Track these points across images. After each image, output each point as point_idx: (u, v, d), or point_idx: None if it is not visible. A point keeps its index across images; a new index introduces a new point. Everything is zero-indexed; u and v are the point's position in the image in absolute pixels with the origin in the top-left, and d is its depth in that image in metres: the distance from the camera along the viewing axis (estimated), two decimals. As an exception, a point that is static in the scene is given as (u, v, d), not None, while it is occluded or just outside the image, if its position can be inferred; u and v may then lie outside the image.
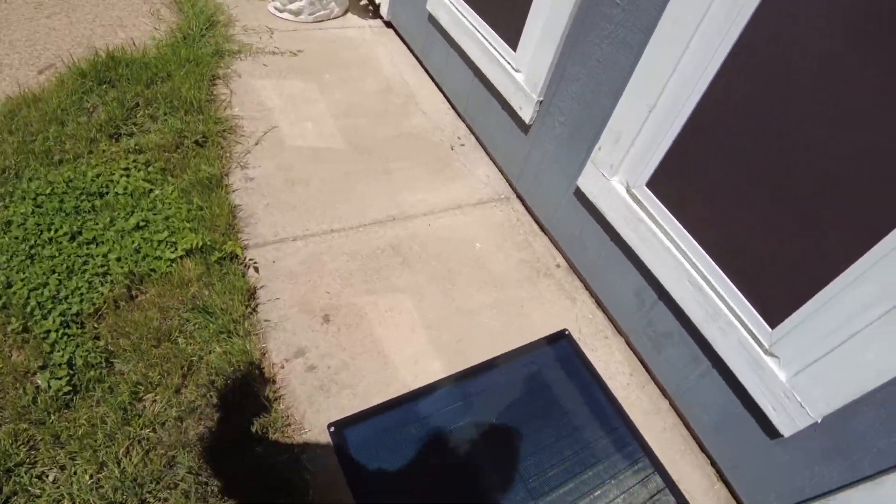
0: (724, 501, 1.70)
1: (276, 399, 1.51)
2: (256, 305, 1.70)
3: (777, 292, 1.45)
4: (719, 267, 1.57)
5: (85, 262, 1.67)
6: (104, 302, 1.61)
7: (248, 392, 1.51)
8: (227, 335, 1.60)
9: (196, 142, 2.14)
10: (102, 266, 1.68)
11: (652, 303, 1.78)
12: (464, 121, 2.68)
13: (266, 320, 1.67)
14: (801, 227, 1.37)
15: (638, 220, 1.71)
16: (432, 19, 2.67)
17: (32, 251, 1.66)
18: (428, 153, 2.43)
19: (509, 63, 2.17)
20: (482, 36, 2.30)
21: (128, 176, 1.94)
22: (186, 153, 2.09)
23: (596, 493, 1.54)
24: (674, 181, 1.65)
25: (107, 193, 1.88)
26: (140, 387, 1.47)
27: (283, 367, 1.58)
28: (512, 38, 2.15)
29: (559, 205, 2.07)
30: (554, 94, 1.99)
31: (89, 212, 1.81)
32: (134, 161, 2.00)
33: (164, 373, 1.50)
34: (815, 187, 1.33)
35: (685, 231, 1.64)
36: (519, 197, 2.34)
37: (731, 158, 1.49)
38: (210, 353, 1.57)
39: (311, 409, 1.51)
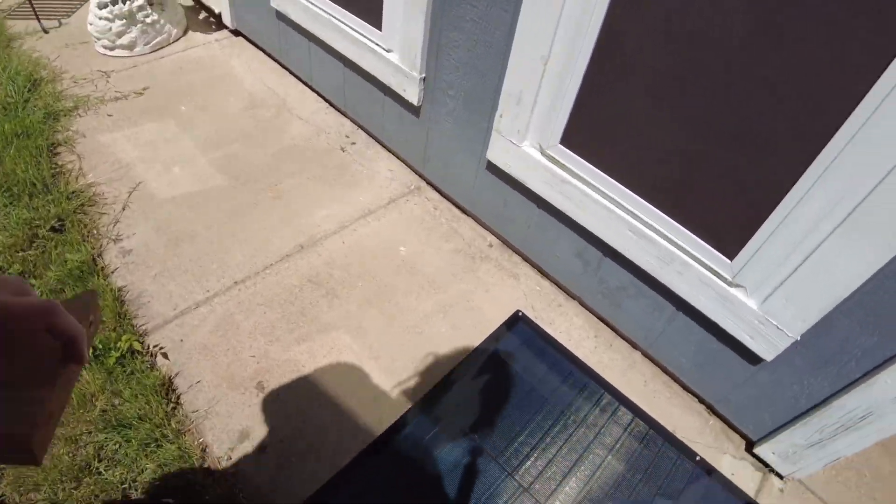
0: (720, 433, 1.66)
1: (235, 496, 1.29)
2: (178, 397, 1.46)
3: (727, 223, 1.37)
4: (659, 209, 1.47)
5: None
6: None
7: (202, 501, 1.28)
8: (156, 444, 1.36)
9: (52, 228, 1.80)
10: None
11: (598, 261, 1.68)
12: (348, 117, 2.45)
13: (194, 411, 1.43)
14: (735, 152, 1.28)
15: (561, 181, 1.58)
16: (281, 16, 2.40)
17: None
18: (318, 163, 2.20)
19: (378, 45, 1.96)
20: (340, 21, 2.06)
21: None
22: (44, 246, 1.76)
23: (579, 452, 1.45)
24: (589, 132, 1.53)
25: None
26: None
27: (230, 459, 1.36)
28: (374, 17, 1.94)
29: (474, 183, 1.92)
30: (436, 67, 1.80)
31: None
32: (-24, 270, 1.66)
33: (89, 516, 1.25)
34: (741, 109, 1.23)
35: (613, 181, 1.52)
36: (430, 184, 2.17)
37: (645, 94, 1.37)
38: (142, 471, 1.32)
39: (279, 493, 1.31)
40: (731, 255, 1.39)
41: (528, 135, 1.62)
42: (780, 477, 1.62)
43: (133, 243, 1.81)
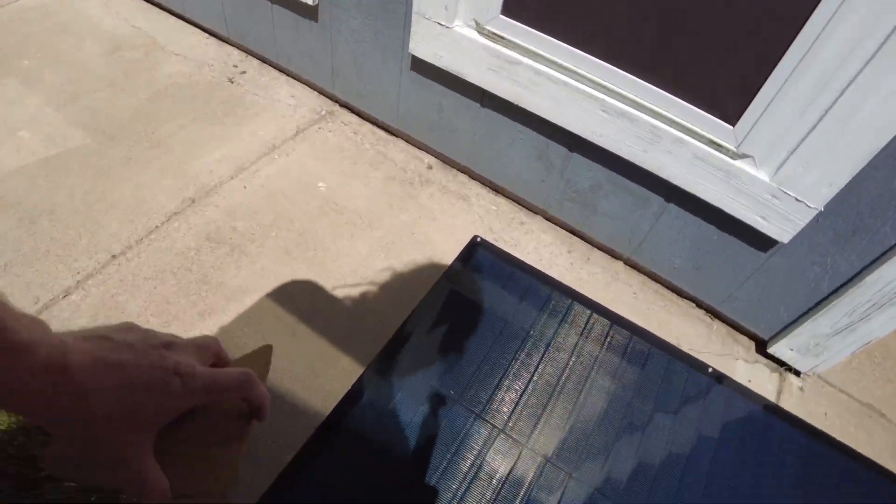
0: (727, 338, 1.43)
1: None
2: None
3: (725, 80, 1.09)
4: (638, 77, 1.17)
5: None
6: None
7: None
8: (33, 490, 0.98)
9: None
10: None
11: (563, 159, 1.37)
12: (233, 44, 2.00)
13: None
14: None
15: (508, 62, 1.24)
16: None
17: None
18: (203, 100, 1.77)
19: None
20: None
21: None
22: None
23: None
24: (534, -12, 1.19)
25: None
26: None
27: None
28: None
29: (399, 91, 1.56)
30: (326, -56, 1.40)
31: None
32: None
33: None
34: None
35: (576, 50, 1.20)
36: (345, 106, 1.79)
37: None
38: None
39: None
40: (732, 121, 1.12)
41: (459, 10, 1.27)
42: (798, 374, 1.42)
43: (-29, 229, 1.36)
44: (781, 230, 1.17)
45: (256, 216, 1.43)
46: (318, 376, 1.13)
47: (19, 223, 1.38)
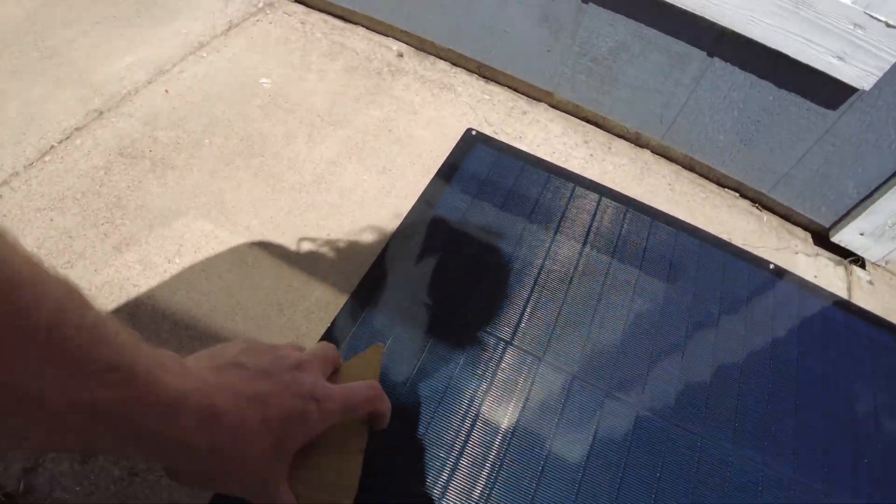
0: (780, 230, 1.18)
1: None
2: None
3: None
4: None
5: None
6: None
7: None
8: None
9: None
10: None
11: (573, 18, 1.07)
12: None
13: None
14: None
15: None
16: None
17: None
18: (108, 1, 1.40)
19: None
20: None
21: None
22: None
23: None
24: None
25: None
26: None
27: (25, 488, 0.70)
28: None
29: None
30: None
31: None
32: None
33: None
34: None
35: None
36: (287, -8, 1.44)
37: None
38: None
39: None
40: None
41: None
42: (863, 266, 1.18)
43: None
44: (864, 72, 0.90)
45: (183, 123, 1.10)
46: (284, 313, 0.84)
47: None
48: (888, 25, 0.85)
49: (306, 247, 0.92)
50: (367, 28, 1.36)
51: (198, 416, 0.36)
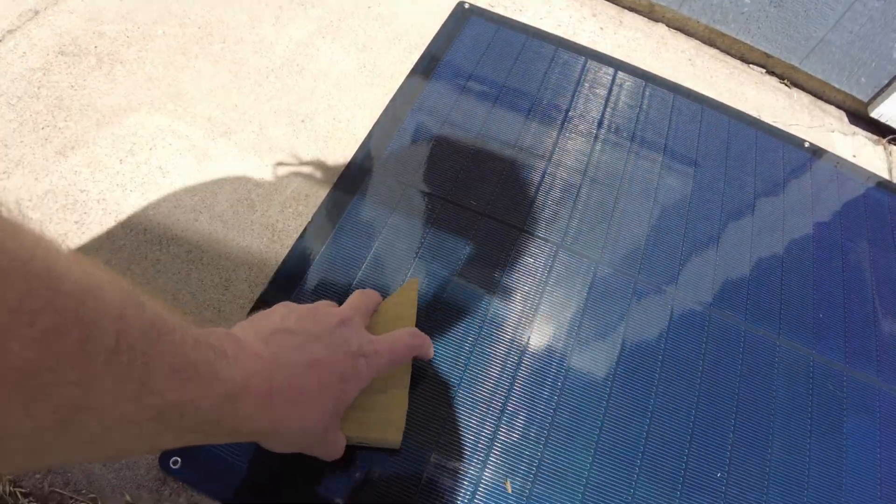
0: (813, 108, 1.06)
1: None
2: None
3: None
4: None
5: None
6: None
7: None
8: None
9: None
10: None
11: None
12: None
13: None
14: None
15: None
16: None
17: None
18: None
19: None
20: None
21: None
22: None
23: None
24: None
25: None
26: None
27: None
28: None
29: None
30: None
31: None
32: None
33: None
34: None
35: None
36: None
37: None
38: None
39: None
40: None
41: None
42: (903, 144, 1.07)
43: None
44: None
45: (133, 15, 0.95)
46: (256, 209, 0.72)
47: None
48: None
49: (277, 134, 0.80)
50: None
51: (256, 402, 0.37)
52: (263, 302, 0.64)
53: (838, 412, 0.66)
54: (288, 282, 0.65)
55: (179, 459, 0.53)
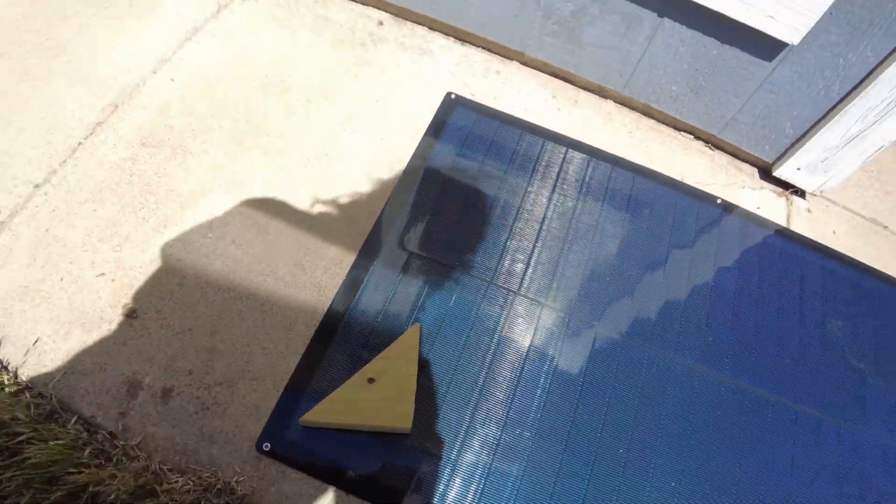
0: (730, 167, 1.34)
1: (150, 471, 0.85)
2: (15, 374, 0.93)
3: None
4: None
5: None
6: None
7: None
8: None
9: None
10: None
11: (538, -15, 1.18)
12: None
13: (48, 383, 0.92)
14: None
15: None
16: None
17: None
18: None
19: None
20: None
21: None
22: None
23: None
24: None
25: None
26: None
27: (125, 426, 0.89)
28: None
29: (329, -67, 1.30)
30: None
31: None
32: None
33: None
34: None
35: None
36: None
37: None
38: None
39: (214, 439, 0.88)
40: None
41: None
42: (803, 196, 1.35)
43: None
44: (792, 29, 1.03)
45: (193, 109, 1.23)
46: (306, 272, 1.01)
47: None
48: (809, -11, 0.98)
49: (318, 211, 1.08)
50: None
51: None
52: (317, 340, 0.93)
53: (717, 411, 0.96)
54: (333, 325, 0.94)
55: (269, 444, 0.83)
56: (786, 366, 1.03)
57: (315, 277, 1.01)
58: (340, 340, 0.92)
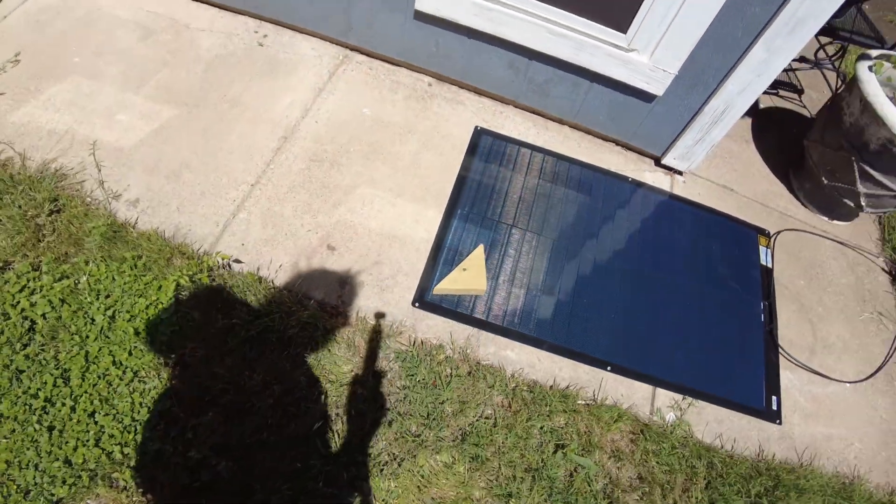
0: (636, 160, 2.34)
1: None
2: (272, 284, 1.83)
3: (618, 7, 1.87)
4: (567, 10, 1.93)
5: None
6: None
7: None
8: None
9: (50, 211, 1.85)
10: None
11: (525, 66, 2.15)
12: (247, 14, 2.52)
13: (289, 281, 1.83)
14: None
15: (486, 9, 1.97)
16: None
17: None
18: (248, 63, 2.35)
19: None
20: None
21: (31, 302, 1.71)
22: (55, 228, 1.85)
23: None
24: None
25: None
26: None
27: (341, 302, 1.80)
28: None
29: (404, 34, 2.23)
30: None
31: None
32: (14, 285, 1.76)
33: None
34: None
35: (527, -2, 1.95)
36: (356, 49, 2.43)
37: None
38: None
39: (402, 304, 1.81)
40: (625, 30, 1.92)
41: (447, -20, 1.96)
42: (680, 174, 2.36)
43: (135, 193, 1.93)
44: (657, 88, 2.02)
45: (335, 139, 2.15)
46: (419, 224, 1.95)
47: (168, 179, 2.02)
48: (664, 70, 1.96)
49: (418, 193, 2.02)
50: (409, 69, 2.40)
51: None
52: (433, 257, 1.87)
53: (634, 282, 1.94)
54: (437, 248, 1.89)
55: (418, 303, 1.77)
56: (672, 260, 2.02)
57: (423, 226, 1.95)
58: (443, 255, 1.86)
